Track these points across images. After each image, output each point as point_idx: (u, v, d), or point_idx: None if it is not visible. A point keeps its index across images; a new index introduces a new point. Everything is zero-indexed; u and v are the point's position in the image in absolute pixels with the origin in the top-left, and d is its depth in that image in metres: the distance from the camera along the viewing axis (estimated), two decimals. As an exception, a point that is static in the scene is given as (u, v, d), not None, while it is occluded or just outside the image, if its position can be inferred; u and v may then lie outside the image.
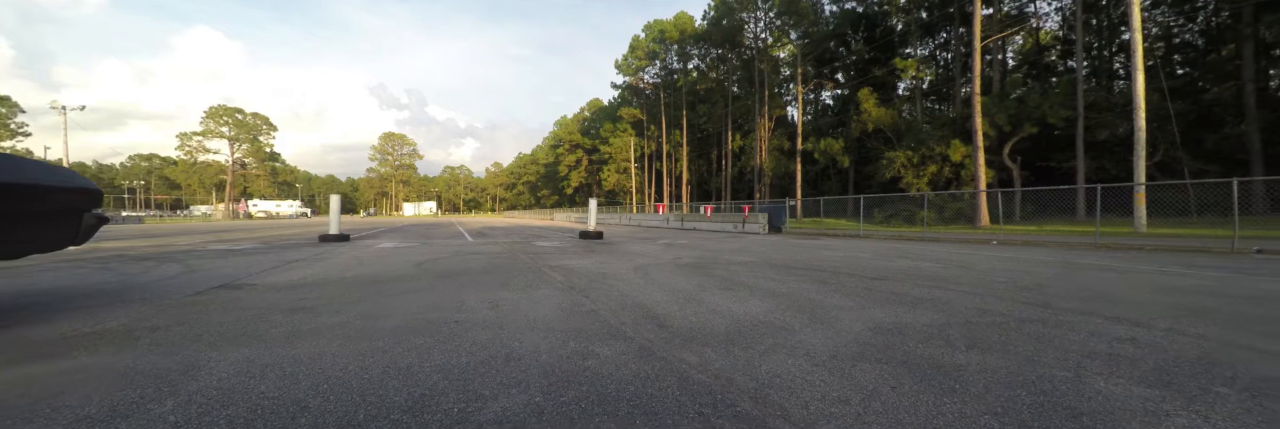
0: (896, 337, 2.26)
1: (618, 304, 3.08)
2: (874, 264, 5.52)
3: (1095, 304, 3.08)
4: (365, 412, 1.42)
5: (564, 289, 3.69)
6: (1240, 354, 2.00)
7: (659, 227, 20.75)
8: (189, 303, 3.16)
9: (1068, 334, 2.32)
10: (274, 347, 2.11)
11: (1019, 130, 22.56)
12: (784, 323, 2.54)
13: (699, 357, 1.96)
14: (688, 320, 2.61)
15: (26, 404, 1.48)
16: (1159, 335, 2.30)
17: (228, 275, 4.53)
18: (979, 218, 19.53)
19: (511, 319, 2.65)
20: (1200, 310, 2.90)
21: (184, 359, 1.94)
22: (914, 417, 1.39)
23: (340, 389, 1.60)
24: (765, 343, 2.16)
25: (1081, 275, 4.57)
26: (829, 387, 1.62)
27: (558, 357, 1.96)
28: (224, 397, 1.54)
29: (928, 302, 3.15)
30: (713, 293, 3.50)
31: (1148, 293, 3.54)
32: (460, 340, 2.21)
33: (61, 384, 1.66)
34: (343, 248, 7.98)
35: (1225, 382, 1.68)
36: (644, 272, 4.75)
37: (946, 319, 2.64)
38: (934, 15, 32.40)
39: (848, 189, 34.61)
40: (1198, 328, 2.45)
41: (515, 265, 5.36)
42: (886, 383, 1.66)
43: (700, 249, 7.71)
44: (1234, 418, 1.38)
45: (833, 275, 4.48)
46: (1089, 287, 3.84)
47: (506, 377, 1.72)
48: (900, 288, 3.73)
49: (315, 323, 2.56)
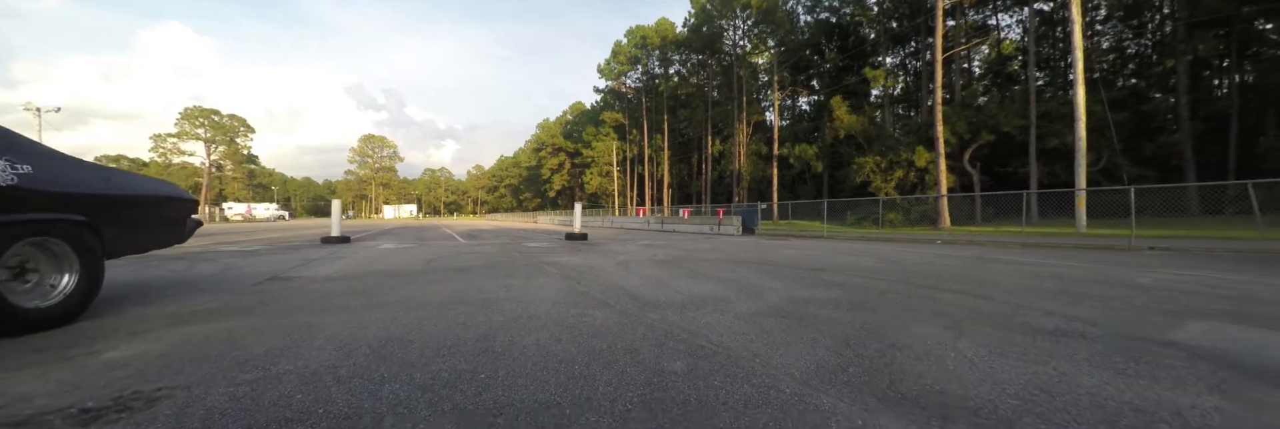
0: (801, 304, 3.19)
1: (604, 287, 3.96)
2: (820, 259, 6.49)
3: (968, 285, 4.06)
4: (451, 343, 2.28)
5: (560, 278, 4.56)
6: (1027, 313, 2.96)
7: (640, 229, 21.66)
8: (258, 291, 3.94)
9: (925, 303, 3.27)
10: (359, 314, 2.95)
11: (977, 138, 24.04)
12: (725, 297, 3.46)
13: (660, 316, 2.85)
14: (655, 296, 3.50)
15: (221, 346, 2.31)
16: (986, 303, 3.27)
17: (268, 271, 5.29)
18: (941, 220, 20.86)
19: (524, 296, 3.52)
20: (1038, 289, 3.89)
21: (299, 321, 2.77)
22: (784, 339, 2.29)
23: (426, 334, 2.45)
24: (707, 308, 3.07)
25: (983, 267, 5.59)
26: (740, 328, 2.53)
27: (564, 316, 2.84)
28: (352, 338, 2.38)
29: (842, 284, 4.10)
30: (678, 279, 4.40)
31: (1017, 279, 4.55)
32: (492, 309, 3.07)
33: (228, 336, 2.47)
34: (350, 248, 8.70)
35: (994, 325, 2.63)
36: (625, 266, 5.63)
37: (846, 294, 3.58)
38: (903, 25, 34.02)
39: (822, 193, 35.97)
40: (1020, 298, 3.42)
41: (514, 262, 6.20)
42: (778, 326, 2.57)
43: (676, 248, 8.63)
44: (983, 344, 2.32)
45: (780, 268, 5.43)
46: (977, 275, 4.84)
47: (533, 326, 2.59)
48: (829, 276, 4.68)
49: (375, 300, 3.39)
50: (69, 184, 2.66)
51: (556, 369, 1.89)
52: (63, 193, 2.60)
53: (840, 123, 31.31)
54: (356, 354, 2.10)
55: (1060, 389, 1.66)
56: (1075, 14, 16.49)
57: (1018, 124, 23.09)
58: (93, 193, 2.80)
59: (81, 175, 2.79)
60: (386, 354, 2.09)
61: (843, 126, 31.01)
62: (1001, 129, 23.46)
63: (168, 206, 3.34)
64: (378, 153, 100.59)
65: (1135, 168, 22.02)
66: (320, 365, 1.94)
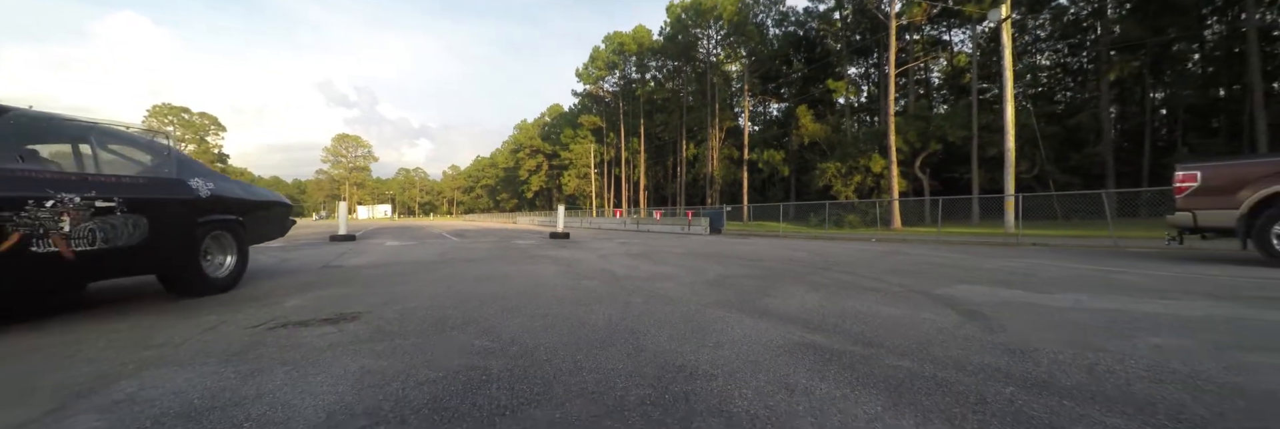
0: (727, 278, 4.67)
1: (590, 269, 5.37)
2: (763, 253, 8.02)
3: (853, 268, 5.59)
4: (499, 296, 3.66)
5: (555, 264, 5.95)
6: (868, 281, 4.47)
7: (617, 229, 23.08)
8: (327, 273, 5.23)
9: (811, 277, 4.77)
10: (422, 286, 4.30)
11: (927, 147, 26.22)
12: (677, 275, 4.91)
13: (630, 283, 4.28)
14: (628, 273, 4.93)
15: (352, 300, 3.65)
16: (851, 277, 4.79)
17: (316, 261, 6.54)
18: (893, 221, 22.90)
19: (533, 275, 4.91)
20: (898, 270, 5.44)
21: (385, 289, 4.10)
22: (705, 292, 3.75)
23: (480, 293, 3.83)
24: (662, 279, 4.52)
25: (883, 258, 7.18)
26: (680, 288, 3.98)
27: (565, 284, 4.25)
28: (434, 294, 3.74)
29: (766, 267, 5.60)
30: (646, 265, 5.85)
31: (894, 264, 6.11)
32: (512, 282, 4.46)
33: (349, 296, 3.80)
34: (363, 245, 9.89)
35: (839, 286, 4.12)
36: (605, 257, 7.05)
37: (763, 272, 5.07)
38: (866, 38, 36.28)
39: (790, 196, 37.98)
40: (876, 275, 4.95)
41: (512, 255, 7.55)
42: (705, 287, 4.03)
43: (647, 245, 10.08)
44: (820, 295, 3.80)
45: (727, 258, 6.92)
46: (870, 262, 6.40)
47: (546, 288, 3.99)
48: (761, 263, 6.18)
49: (425, 278, 4.74)
50: (230, 194, 3.95)
51: (570, 303, 3.30)
52: (230, 200, 3.89)
53: (805, 130, 33.32)
54: (445, 301, 3.47)
55: (842, 308, 3.14)
56: (1006, 40, 18.58)
57: (962, 135, 25.32)
58: (241, 199, 4.09)
59: (233, 187, 4.07)
60: (464, 302, 3.47)
61: (807, 134, 33.02)
62: (948, 139, 25.68)
63: (280, 209, 4.63)
64: (352, 152, 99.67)
65: (1064, 175, 24.47)
66: (431, 303, 3.32)
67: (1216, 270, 5.03)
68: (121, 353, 2.15)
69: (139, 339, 2.39)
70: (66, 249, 2.43)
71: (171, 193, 3.22)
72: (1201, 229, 5.82)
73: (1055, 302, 3.28)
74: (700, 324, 2.69)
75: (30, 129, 2.67)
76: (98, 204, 2.54)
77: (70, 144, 2.93)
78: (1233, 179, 5.56)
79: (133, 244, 2.76)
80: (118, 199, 2.65)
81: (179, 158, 3.58)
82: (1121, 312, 2.92)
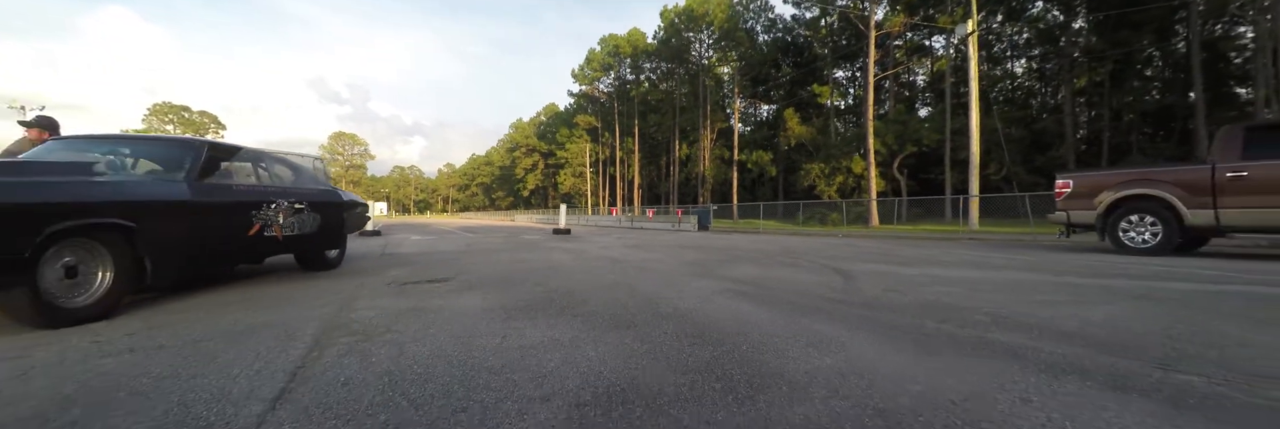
0: (700, 261, 6.21)
1: (595, 256, 6.90)
2: (738, 246, 9.57)
3: (803, 255, 7.14)
4: (532, 271, 5.19)
5: (566, 253, 7.48)
6: (803, 262, 6.01)
7: (612, 226, 24.62)
8: (390, 259, 6.72)
9: (763, 260, 6.31)
10: (473, 265, 5.81)
11: (904, 149, 27.91)
12: (662, 259, 6.46)
13: (627, 264, 5.82)
14: (625, 258, 6.47)
15: (434, 271, 5.17)
16: (794, 258, 6.33)
17: (374, 251, 8.02)
18: (871, 220, 24.59)
19: (550, 260, 6.43)
20: (835, 256, 6.99)
21: (447, 267, 5.61)
22: (680, 268, 5.28)
23: (517, 270, 5.35)
24: (652, 262, 6.05)
25: (834, 248, 8.74)
26: (664, 266, 5.51)
27: (578, 265, 5.78)
28: (487, 270, 5.26)
29: (733, 255, 7.14)
30: (639, 253, 7.38)
31: (836, 252, 7.67)
32: (538, 263, 5.98)
33: (428, 270, 5.31)
34: (393, 239, 11.36)
35: (779, 264, 5.66)
36: (605, 247, 8.58)
37: (728, 257, 6.61)
38: (852, 44, 37.91)
39: (778, 195, 39.65)
40: (815, 259, 6.50)
41: (527, 247, 9.07)
42: (681, 264, 5.57)
43: (641, 240, 11.62)
44: (760, 268, 5.34)
45: (706, 249, 8.46)
46: (821, 251, 7.96)
47: (564, 267, 5.52)
48: (732, 252, 7.73)
49: (468, 261, 6.25)
50: (352, 198, 5.44)
51: (584, 271, 4.82)
52: (354, 203, 5.38)
53: (793, 132, 34.97)
54: (499, 271, 4.99)
55: (768, 275, 4.67)
56: (972, 53, 20.24)
57: (935, 139, 27.04)
58: (354, 201, 5.58)
59: (334, 190, 5.56)
60: (512, 273, 5.00)
61: (794, 136, 34.67)
62: (923, 142, 27.39)
63: (361, 207, 6.12)
64: (348, 150, 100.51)
65: (1030, 176, 26.24)
66: (490, 272, 4.84)
67: (1071, 256, 6.64)
68: (337, 295, 3.64)
69: (333, 289, 3.89)
70: (279, 234, 3.92)
71: (331, 198, 4.74)
72: (1073, 225, 7.43)
73: (910, 272, 4.85)
74: (672, 281, 4.23)
75: (253, 158, 4.15)
76: (296, 206, 4.03)
77: (277, 165, 4.44)
78: (1094, 186, 7.17)
79: (311, 232, 4.25)
80: (306, 202, 4.14)
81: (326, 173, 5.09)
82: (944, 277, 4.49)
